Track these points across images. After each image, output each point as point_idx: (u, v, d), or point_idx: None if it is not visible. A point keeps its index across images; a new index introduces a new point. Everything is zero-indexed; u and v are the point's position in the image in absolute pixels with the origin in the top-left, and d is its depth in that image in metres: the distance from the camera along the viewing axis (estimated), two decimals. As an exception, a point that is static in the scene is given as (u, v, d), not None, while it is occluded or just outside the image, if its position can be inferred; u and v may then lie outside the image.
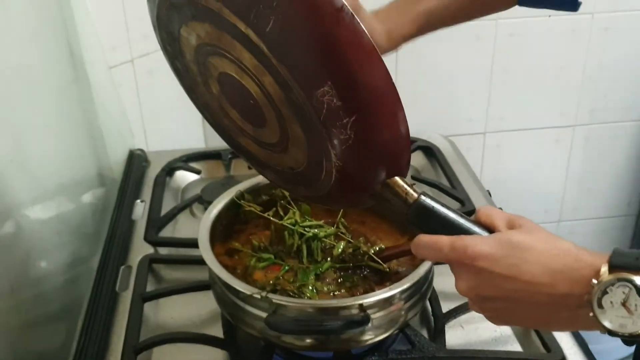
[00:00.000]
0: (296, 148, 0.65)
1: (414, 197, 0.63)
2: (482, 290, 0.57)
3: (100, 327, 0.81)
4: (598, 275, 0.52)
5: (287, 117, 0.62)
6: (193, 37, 0.65)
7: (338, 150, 0.59)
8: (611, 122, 1.77)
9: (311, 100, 0.56)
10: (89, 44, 1.13)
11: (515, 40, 1.60)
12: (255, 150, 0.74)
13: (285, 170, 0.72)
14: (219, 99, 0.71)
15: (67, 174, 1.05)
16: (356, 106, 0.56)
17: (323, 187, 0.67)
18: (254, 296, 0.70)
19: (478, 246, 0.56)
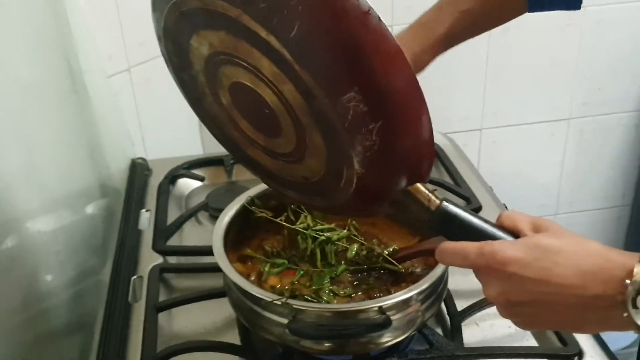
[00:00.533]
0: (313, 157, 0.64)
1: (436, 204, 0.62)
2: (513, 296, 0.57)
3: (117, 339, 0.81)
4: (631, 275, 0.52)
5: (307, 126, 0.61)
6: (205, 47, 0.64)
7: (361, 157, 0.59)
8: (605, 114, 1.79)
9: (336, 106, 0.56)
10: (86, 53, 1.12)
11: (509, 36, 1.61)
12: (265, 162, 0.73)
13: (298, 181, 0.70)
14: (228, 110, 0.70)
15: (70, 186, 1.04)
16: (383, 111, 0.56)
17: (341, 196, 0.66)
18: (275, 302, 0.70)
19: (508, 251, 0.56)
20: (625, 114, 1.82)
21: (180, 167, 1.20)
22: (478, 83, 1.68)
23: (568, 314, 0.56)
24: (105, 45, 1.23)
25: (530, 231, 0.59)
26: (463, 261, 0.59)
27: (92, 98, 1.14)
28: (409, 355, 0.76)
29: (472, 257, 0.58)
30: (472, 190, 1.08)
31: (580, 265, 0.54)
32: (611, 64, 1.72)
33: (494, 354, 0.77)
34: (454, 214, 0.62)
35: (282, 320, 0.71)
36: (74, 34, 1.09)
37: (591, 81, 1.74)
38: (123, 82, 1.30)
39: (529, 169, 1.82)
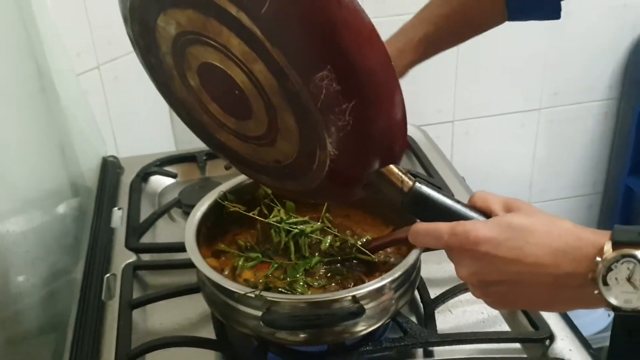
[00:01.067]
0: (285, 139, 0.63)
1: (410, 185, 0.62)
2: (486, 275, 0.57)
3: (90, 337, 0.80)
4: (602, 253, 0.52)
5: (279, 107, 0.60)
6: (172, 26, 0.62)
7: (334, 138, 0.58)
8: (574, 103, 1.82)
9: (309, 85, 0.55)
10: (54, 52, 1.11)
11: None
12: (236, 146, 0.71)
13: (270, 165, 0.69)
14: (197, 92, 0.68)
15: (40, 186, 1.03)
16: (356, 90, 0.55)
17: (314, 179, 0.65)
18: (248, 295, 0.70)
19: (480, 231, 0.56)
20: (595, 103, 1.85)
21: (152, 165, 1.19)
22: (450, 75, 1.69)
23: (540, 292, 0.56)
24: (73, 44, 1.21)
25: (502, 211, 0.59)
26: (436, 241, 0.60)
27: (61, 97, 1.13)
28: (383, 343, 0.77)
29: (445, 237, 0.58)
30: (444, 181, 1.09)
31: (552, 244, 0.55)
32: (579, 54, 1.75)
33: (467, 340, 0.77)
34: (427, 195, 0.62)
35: (256, 313, 0.71)
36: (41, 33, 1.08)
37: (561, 71, 1.76)
38: (93, 80, 1.29)
39: (501, 159, 1.84)
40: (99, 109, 1.29)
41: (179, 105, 0.74)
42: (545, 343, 0.78)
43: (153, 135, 1.40)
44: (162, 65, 0.68)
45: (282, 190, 0.78)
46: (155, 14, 0.62)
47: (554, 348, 0.77)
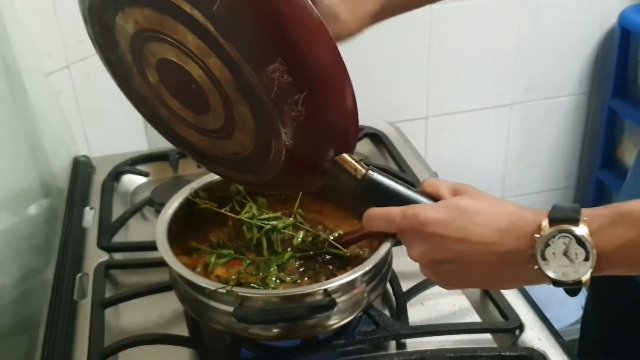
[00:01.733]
0: (242, 131, 0.65)
1: (363, 173, 0.65)
2: (434, 255, 0.60)
3: (62, 337, 0.80)
4: (540, 230, 0.56)
5: (234, 99, 0.62)
6: (130, 25, 0.64)
7: (289, 128, 0.60)
8: (546, 98, 1.84)
9: (261, 78, 0.57)
10: (23, 52, 1.10)
11: (449, 25, 1.64)
12: (196, 140, 0.73)
13: (229, 157, 0.71)
14: (156, 88, 0.69)
15: (10, 187, 1.03)
16: (307, 81, 0.57)
17: (271, 169, 0.67)
18: (219, 291, 0.70)
19: (428, 213, 0.59)
20: (566, 97, 1.87)
21: (124, 164, 1.19)
22: (422, 72, 1.70)
23: (487, 270, 0.59)
24: (43, 44, 1.20)
25: (450, 195, 0.62)
26: (388, 224, 0.62)
27: (31, 97, 1.12)
28: (356, 336, 0.77)
29: (397, 220, 0.61)
30: (416, 176, 1.10)
31: (497, 224, 0.58)
32: (550, 49, 1.77)
33: (439, 331, 0.78)
34: (379, 182, 0.65)
35: (228, 309, 0.71)
36: (10, 34, 1.07)
37: (531, 66, 1.78)
38: (63, 80, 1.28)
39: (475, 154, 1.86)
40: (70, 109, 1.28)
41: (139, 101, 0.75)
42: (515, 333, 0.79)
43: (125, 134, 1.39)
44: (122, 62, 0.70)
45: (243, 182, 0.80)
46: (113, 14, 0.64)
47: (524, 338, 0.78)
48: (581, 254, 0.55)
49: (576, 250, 0.55)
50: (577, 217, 0.55)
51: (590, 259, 0.54)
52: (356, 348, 0.78)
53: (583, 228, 0.55)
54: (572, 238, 0.55)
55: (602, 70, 1.84)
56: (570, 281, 0.56)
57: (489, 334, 0.80)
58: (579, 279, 0.55)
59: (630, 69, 1.79)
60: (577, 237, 0.54)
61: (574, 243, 0.55)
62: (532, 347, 0.76)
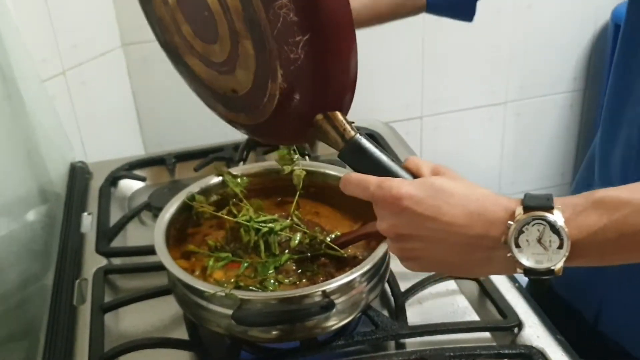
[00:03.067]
0: (243, 68, 0.66)
1: (351, 135, 0.65)
2: (402, 229, 0.60)
3: (62, 342, 0.80)
4: (513, 217, 0.55)
5: (240, 32, 0.63)
6: None
7: (285, 70, 0.60)
8: (540, 96, 1.84)
9: (268, 12, 0.57)
10: (18, 58, 1.10)
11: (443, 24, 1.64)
12: (200, 71, 0.74)
13: (228, 94, 0.72)
14: (173, 11, 0.71)
15: (7, 193, 1.03)
16: (311, 25, 0.57)
17: (264, 112, 0.67)
18: (218, 294, 0.70)
19: (403, 187, 0.59)
20: (560, 95, 1.88)
21: (121, 169, 1.19)
22: (416, 71, 1.71)
23: (453, 252, 0.59)
24: (38, 50, 1.21)
25: (429, 174, 0.63)
26: (363, 192, 0.62)
27: (26, 104, 1.12)
28: (355, 337, 0.78)
29: (372, 188, 0.61)
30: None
31: (468, 206, 0.57)
32: (543, 47, 1.78)
33: (438, 331, 0.79)
34: (365, 147, 0.64)
35: (227, 312, 0.71)
36: (4, 41, 1.07)
37: (525, 64, 1.79)
38: (59, 86, 1.28)
39: (470, 153, 1.87)
40: (66, 115, 1.29)
41: (156, 23, 0.77)
42: (513, 331, 0.79)
43: (121, 139, 1.39)
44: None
45: (235, 123, 0.78)
46: None
47: (522, 335, 0.78)
48: (555, 242, 0.54)
49: (550, 238, 0.54)
50: (551, 205, 0.55)
51: (564, 247, 0.54)
52: (355, 349, 0.78)
53: (557, 215, 0.54)
54: (546, 225, 0.54)
55: (596, 67, 1.85)
56: (543, 269, 0.55)
57: (488, 333, 0.80)
58: (552, 267, 0.55)
59: (624, 65, 1.80)
60: (552, 223, 0.54)
61: (548, 230, 0.54)
62: (531, 344, 0.77)
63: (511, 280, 0.87)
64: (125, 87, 1.44)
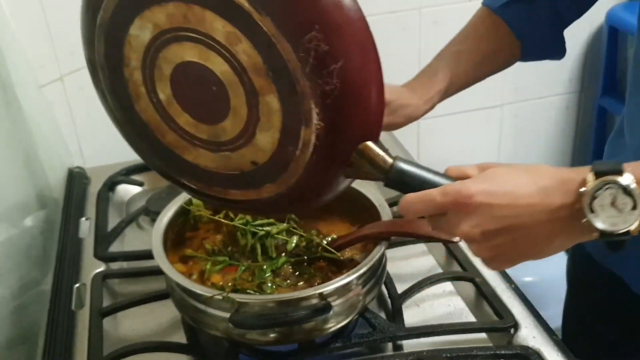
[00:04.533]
0: (265, 130, 0.62)
1: (390, 163, 0.62)
2: (486, 225, 0.58)
3: (61, 347, 0.81)
4: (585, 184, 0.56)
5: (261, 89, 0.60)
6: (147, 31, 0.62)
7: (321, 106, 0.58)
8: (536, 98, 1.85)
9: (297, 51, 0.55)
10: (16, 64, 1.11)
11: (439, 28, 1.65)
12: (206, 162, 0.69)
13: (245, 172, 0.67)
14: (166, 107, 0.67)
15: (6, 199, 1.03)
16: (343, 49, 0.56)
17: (295, 170, 0.63)
18: (216, 297, 0.71)
19: (470, 185, 0.58)
20: (556, 97, 1.88)
21: (118, 174, 1.19)
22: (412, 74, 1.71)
23: (539, 232, 0.58)
24: (35, 56, 1.21)
25: (478, 172, 0.62)
26: (429, 205, 0.60)
27: (25, 109, 1.13)
28: (352, 339, 0.78)
29: (438, 199, 0.59)
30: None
31: (539, 183, 0.57)
32: (539, 49, 1.78)
33: (434, 332, 0.79)
34: (408, 170, 0.62)
35: (225, 315, 0.72)
36: (2, 47, 1.08)
37: (521, 66, 1.79)
38: (56, 92, 1.29)
39: (467, 155, 1.87)
40: (64, 120, 1.29)
41: (141, 130, 0.72)
42: (510, 331, 0.80)
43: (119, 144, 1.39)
44: (127, 86, 0.67)
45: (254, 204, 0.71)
46: (128, 21, 0.62)
47: (519, 336, 0.79)
48: (629, 204, 0.55)
49: (623, 200, 0.55)
50: (621, 169, 0.56)
51: (638, 208, 0.55)
52: (353, 351, 0.79)
53: (628, 177, 0.55)
54: (618, 188, 0.55)
55: (591, 69, 1.86)
56: (619, 231, 0.56)
57: (484, 334, 0.81)
58: (628, 228, 0.56)
59: (619, 66, 1.81)
60: (624, 186, 0.55)
61: (621, 193, 0.55)
62: (527, 345, 0.77)
63: (507, 281, 0.88)
64: (122, 92, 1.45)
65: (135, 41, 0.63)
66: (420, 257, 0.97)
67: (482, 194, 0.57)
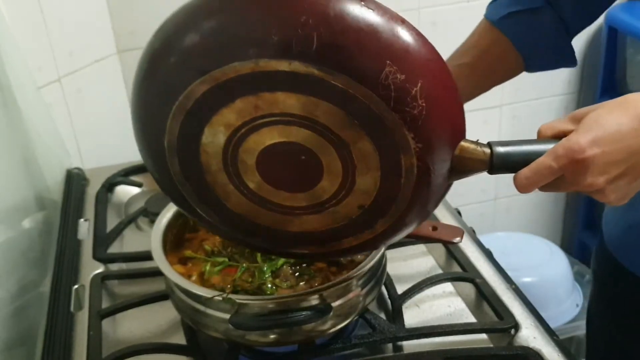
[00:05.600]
0: (364, 173, 0.61)
1: (488, 152, 0.62)
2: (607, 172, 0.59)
3: (60, 349, 0.80)
4: None
5: (350, 139, 0.59)
6: (220, 134, 0.60)
7: (415, 130, 0.57)
8: (535, 99, 1.85)
9: (377, 90, 0.55)
10: (14, 66, 1.10)
11: (438, 28, 1.65)
12: (312, 226, 0.67)
13: (355, 218, 0.66)
14: (258, 192, 0.65)
15: (4, 201, 1.03)
16: (417, 70, 0.56)
17: (404, 198, 0.63)
18: (216, 299, 0.71)
19: (579, 139, 0.58)
20: (555, 97, 1.88)
21: (117, 175, 1.19)
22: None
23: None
24: (34, 57, 1.21)
25: (573, 124, 0.61)
26: (546, 173, 0.60)
27: (23, 111, 1.12)
28: (352, 340, 0.78)
29: (553, 164, 0.59)
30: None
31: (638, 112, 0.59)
32: (537, 49, 1.78)
33: (434, 333, 0.79)
34: (507, 153, 0.62)
35: (225, 316, 0.72)
36: (0, 48, 1.07)
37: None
38: (54, 93, 1.28)
39: (467, 156, 1.87)
40: (62, 121, 1.29)
41: (237, 225, 0.70)
42: (510, 332, 0.79)
43: (118, 145, 1.39)
44: (214, 190, 0.66)
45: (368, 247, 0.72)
46: (198, 132, 0.61)
47: (519, 337, 0.79)
48: None
49: None
50: None
51: None
52: (353, 352, 0.78)
53: None
54: None
55: (590, 69, 1.86)
56: None
57: (485, 334, 0.81)
58: None
59: (618, 67, 1.81)
60: None
61: None
62: (528, 346, 0.77)
63: (507, 281, 0.88)
64: (121, 93, 1.44)
65: (211, 147, 0.62)
66: (420, 257, 0.97)
67: (593, 144, 0.58)
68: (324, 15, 0.53)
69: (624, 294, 0.95)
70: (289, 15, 0.54)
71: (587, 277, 1.83)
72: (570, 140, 0.59)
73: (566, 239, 2.14)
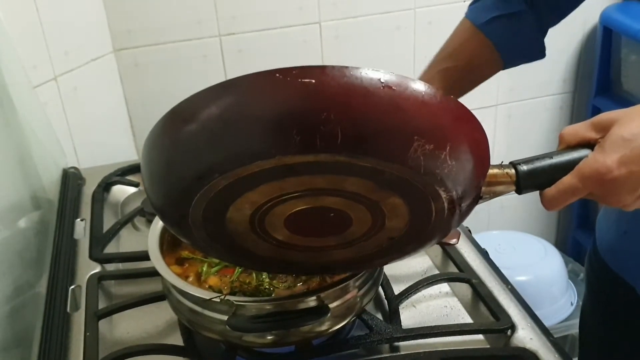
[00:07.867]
0: (394, 217, 0.62)
1: (513, 173, 0.63)
2: (636, 189, 0.59)
3: (56, 350, 0.80)
4: None
5: (379, 199, 0.59)
6: (246, 209, 0.61)
7: (445, 185, 0.57)
8: (530, 98, 1.85)
9: (406, 164, 0.54)
10: (9, 65, 1.10)
11: (434, 27, 1.65)
12: (342, 257, 0.69)
13: (384, 246, 0.67)
14: (288, 241, 0.66)
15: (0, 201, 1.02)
16: (445, 136, 0.55)
17: (434, 227, 0.63)
18: (213, 300, 0.71)
19: (605, 160, 0.58)
20: (550, 97, 1.89)
21: (113, 174, 1.19)
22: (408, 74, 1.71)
23: None
24: (29, 56, 1.21)
25: (596, 133, 0.61)
26: (573, 194, 0.60)
27: (18, 110, 1.12)
28: (349, 341, 0.78)
29: (580, 185, 0.60)
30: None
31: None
32: (533, 49, 1.78)
33: (431, 333, 0.79)
34: (531, 171, 0.63)
35: (222, 318, 0.72)
36: (-5, 47, 1.07)
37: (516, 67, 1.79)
38: (50, 92, 1.28)
39: (462, 155, 1.87)
40: (58, 121, 1.29)
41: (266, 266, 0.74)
42: (506, 333, 0.80)
43: (114, 144, 1.39)
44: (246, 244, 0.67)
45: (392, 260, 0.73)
46: (223, 211, 0.61)
47: (516, 337, 0.79)
48: None
49: None
50: None
51: None
52: (350, 353, 0.78)
53: None
54: None
55: (585, 69, 1.86)
56: None
57: (481, 335, 0.81)
58: None
59: (613, 66, 1.81)
60: None
61: None
62: (524, 346, 0.77)
63: (503, 282, 0.88)
64: (117, 92, 1.44)
65: (237, 217, 0.62)
66: (416, 258, 0.97)
67: (621, 164, 0.58)
68: (345, 107, 0.51)
69: (617, 299, 0.96)
70: (310, 114, 0.51)
71: (581, 276, 1.84)
72: (598, 162, 0.59)
73: (560, 237, 2.14)
